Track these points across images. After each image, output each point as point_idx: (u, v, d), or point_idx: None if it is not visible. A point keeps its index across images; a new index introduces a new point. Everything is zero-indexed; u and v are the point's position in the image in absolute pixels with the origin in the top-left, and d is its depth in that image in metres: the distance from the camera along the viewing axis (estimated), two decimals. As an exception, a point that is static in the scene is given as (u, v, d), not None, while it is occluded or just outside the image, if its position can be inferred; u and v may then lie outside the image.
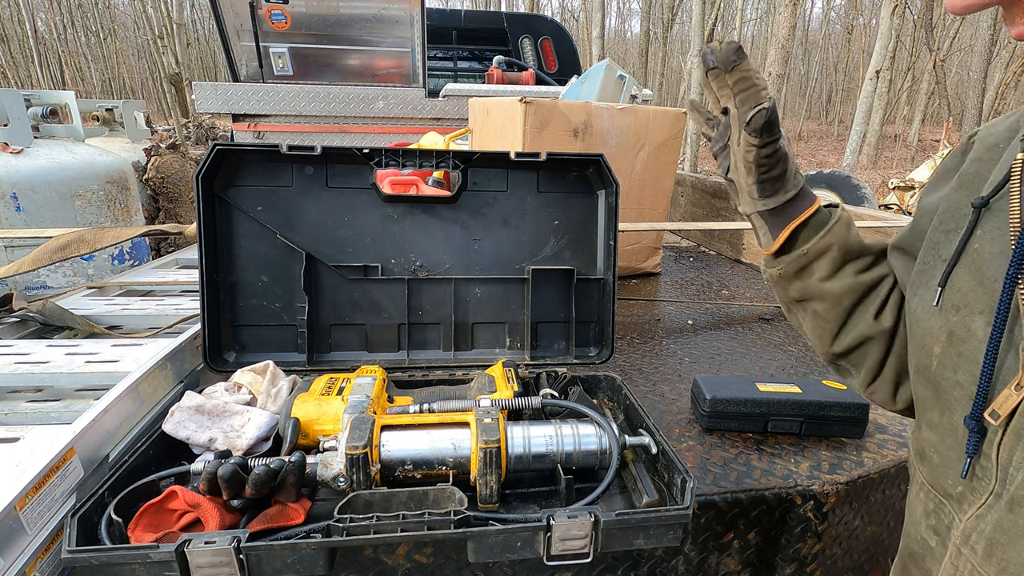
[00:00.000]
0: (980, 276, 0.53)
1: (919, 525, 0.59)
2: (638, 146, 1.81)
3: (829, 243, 0.74)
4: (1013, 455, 0.47)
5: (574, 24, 27.62)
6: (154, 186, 3.71)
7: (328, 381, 0.93)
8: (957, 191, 0.60)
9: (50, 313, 1.19)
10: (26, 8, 22.94)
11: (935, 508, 0.56)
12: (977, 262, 0.54)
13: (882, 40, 10.74)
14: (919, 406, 0.61)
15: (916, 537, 0.59)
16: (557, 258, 1.17)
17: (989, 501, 0.49)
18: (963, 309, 0.54)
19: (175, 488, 0.70)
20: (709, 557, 0.90)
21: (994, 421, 0.48)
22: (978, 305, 0.52)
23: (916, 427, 0.61)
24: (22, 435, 0.73)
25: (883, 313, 0.72)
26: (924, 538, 0.58)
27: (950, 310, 0.55)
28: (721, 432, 1.05)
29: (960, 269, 0.55)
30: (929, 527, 0.57)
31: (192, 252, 1.92)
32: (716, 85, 0.70)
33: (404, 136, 3.39)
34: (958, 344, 0.54)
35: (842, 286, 0.74)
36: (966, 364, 0.52)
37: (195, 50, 28.53)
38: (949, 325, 0.55)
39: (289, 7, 3.36)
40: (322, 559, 0.64)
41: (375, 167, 1.07)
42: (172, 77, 13.85)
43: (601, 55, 14.12)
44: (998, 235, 0.52)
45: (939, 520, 0.56)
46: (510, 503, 0.81)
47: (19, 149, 2.41)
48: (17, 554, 0.62)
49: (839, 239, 0.74)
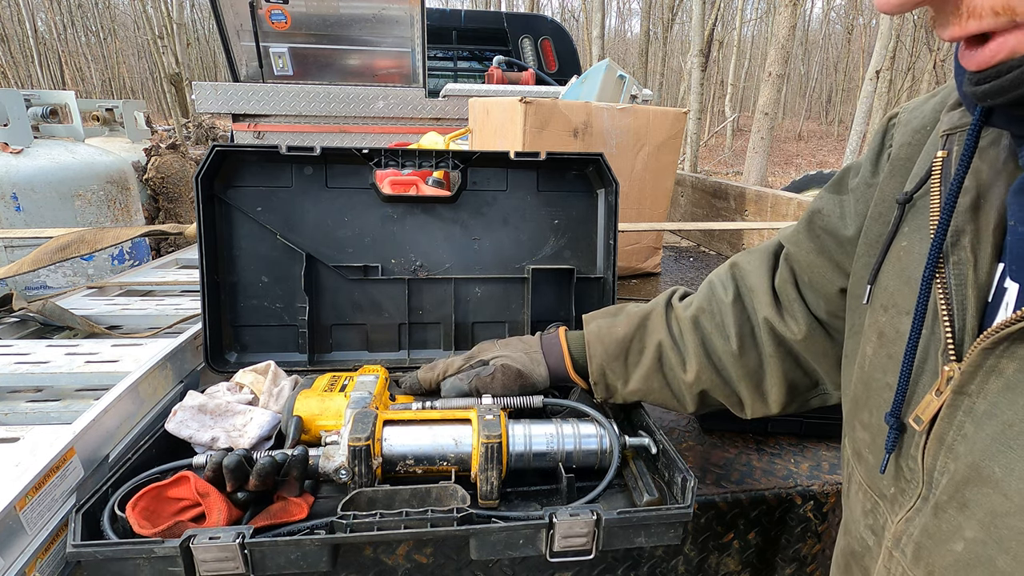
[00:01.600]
0: (906, 275, 0.52)
1: (858, 524, 0.58)
2: (638, 146, 1.81)
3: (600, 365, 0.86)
4: (937, 460, 0.46)
5: (574, 24, 27.63)
6: (154, 186, 3.71)
7: (330, 379, 0.93)
8: (890, 178, 0.58)
9: (50, 313, 1.19)
10: (26, 8, 22.94)
11: (872, 508, 0.56)
12: (903, 260, 0.53)
13: (882, 40, 10.75)
14: (853, 404, 0.60)
15: (856, 535, 0.59)
16: (557, 257, 1.17)
17: (917, 504, 0.49)
18: (891, 309, 0.53)
19: (188, 473, 0.70)
20: (709, 557, 0.90)
21: (917, 427, 0.48)
22: (905, 305, 0.51)
23: (850, 426, 0.61)
24: (22, 435, 0.74)
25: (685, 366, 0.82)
26: (863, 537, 0.57)
27: (879, 309, 0.55)
28: (721, 432, 1.05)
29: (887, 267, 0.55)
30: (867, 526, 0.57)
31: (192, 252, 1.92)
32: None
33: (404, 136, 3.39)
34: (888, 345, 0.53)
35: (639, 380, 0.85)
36: (895, 366, 0.51)
37: (195, 50, 28.52)
38: (879, 325, 0.55)
39: (289, 7, 3.36)
40: (326, 555, 0.64)
41: (375, 167, 1.07)
42: (172, 77, 13.86)
43: (601, 55, 14.13)
44: (925, 234, 0.50)
45: (875, 520, 0.55)
46: (511, 501, 0.81)
47: (19, 149, 2.41)
48: (17, 554, 0.62)
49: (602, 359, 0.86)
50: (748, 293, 0.80)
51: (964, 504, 0.44)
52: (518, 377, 0.89)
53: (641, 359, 0.84)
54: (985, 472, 0.42)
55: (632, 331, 0.85)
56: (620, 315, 0.88)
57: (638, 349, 0.85)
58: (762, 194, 2.23)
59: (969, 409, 0.43)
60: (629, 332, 0.85)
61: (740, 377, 0.79)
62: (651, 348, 0.83)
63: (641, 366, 0.84)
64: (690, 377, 0.81)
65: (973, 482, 0.43)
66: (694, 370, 0.80)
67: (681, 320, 0.83)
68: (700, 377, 0.80)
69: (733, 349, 0.78)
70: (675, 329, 0.84)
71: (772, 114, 8.35)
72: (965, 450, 0.44)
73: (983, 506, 0.42)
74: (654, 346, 0.83)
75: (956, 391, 0.44)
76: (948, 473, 0.45)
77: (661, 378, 0.84)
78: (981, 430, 0.43)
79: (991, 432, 0.42)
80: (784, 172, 17.12)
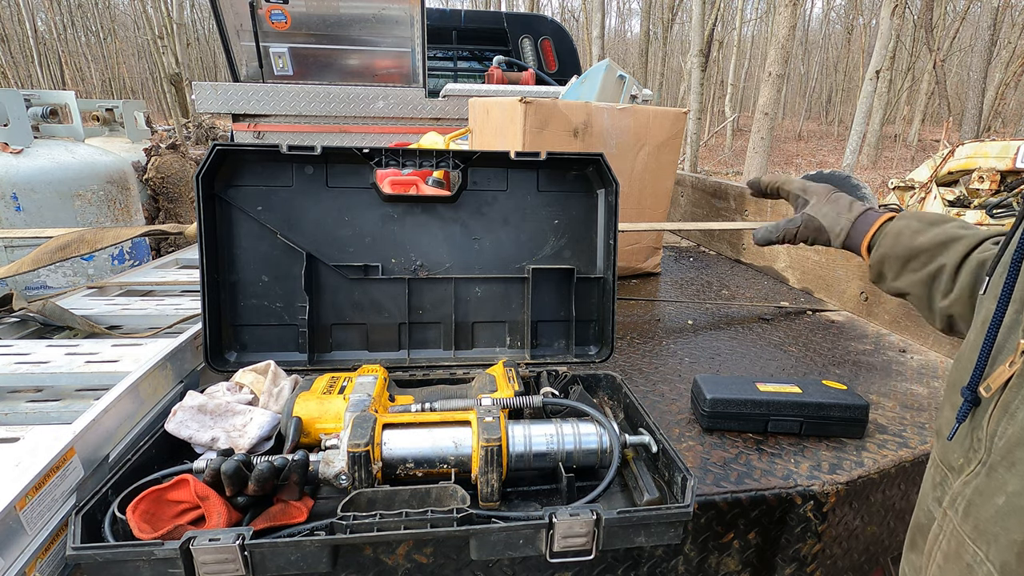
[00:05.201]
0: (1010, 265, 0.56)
1: (927, 497, 0.63)
2: (638, 146, 1.81)
3: (883, 255, 0.97)
4: (999, 426, 0.51)
5: (574, 24, 27.63)
6: (154, 186, 3.71)
7: (330, 380, 0.93)
8: None
9: (50, 313, 1.19)
10: (26, 8, 22.94)
11: (940, 480, 0.60)
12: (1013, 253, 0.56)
13: (882, 40, 10.75)
14: (949, 388, 0.64)
15: (924, 508, 0.63)
16: (557, 257, 1.17)
17: (976, 469, 0.53)
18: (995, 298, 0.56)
19: (187, 476, 0.70)
20: (709, 557, 0.90)
21: (986, 394, 0.52)
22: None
23: (942, 408, 0.65)
24: (22, 435, 0.74)
25: (949, 296, 0.87)
26: (930, 509, 0.61)
27: (990, 299, 0.58)
28: (721, 432, 1.05)
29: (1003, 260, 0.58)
30: (935, 499, 0.61)
31: (192, 252, 1.92)
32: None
33: (404, 136, 3.39)
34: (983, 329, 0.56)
35: (906, 283, 0.95)
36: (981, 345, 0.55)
37: (195, 50, 28.52)
38: (984, 312, 0.58)
39: (289, 7, 3.36)
40: (325, 556, 0.64)
41: (375, 167, 1.07)
42: (172, 77, 13.85)
43: (601, 55, 14.12)
44: None
45: (942, 492, 0.59)
46: (511, 501, 0.81)
47: (19, 149, 2.41)
48: (17, 554, 0.62)
49: (887, 250, 0.96)
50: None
51: (1013, 463, 0.48)
52: (817, 231, 1.08)
53: (921, 271, 0.91)
54: None
55: (930, 246, 0.91)
56: (934, 228, 0.93)
57: (923, 262, 0.91)
58: (762, 194, 2.23)
59: None
60: (927, 245, 0.92)
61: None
62: (932, 267, 0.90)
63: (916, 275, 0.92)
64: (943, 303, 0.88)
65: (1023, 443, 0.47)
66: (949, 300, 0.87)
67: (973, 258, 0.87)
68: (952, 306, 0.87)
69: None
70: (965, 263, 0.87)
71: (772, 114, 8.35)
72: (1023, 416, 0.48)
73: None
74: (936, 267, 0.89)
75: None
76: (1005, 436, 0.49)
77: (926, 291, 0.91)
78: None
79: None
80: (784, 172, 17.05)
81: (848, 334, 1.55)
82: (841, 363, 1.36)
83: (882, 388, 1.24)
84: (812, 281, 1.91)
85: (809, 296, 1.88)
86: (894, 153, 20.06)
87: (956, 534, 0.54)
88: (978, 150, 5.28)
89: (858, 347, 1.46)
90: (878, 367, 1.35)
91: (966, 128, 14.54)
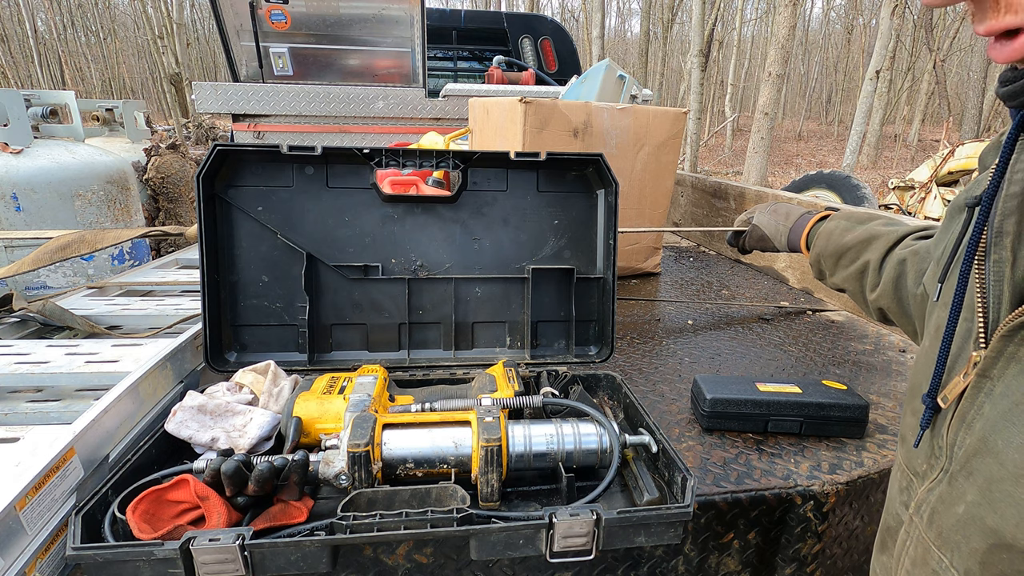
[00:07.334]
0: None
1: (895, 501, 0.64)
2: (638, 146, 1.81)
3: (818, 254, 1.09)
4: (957, 436, 0.52)
5: (574, 24, 27.63)
6: (154, 186, 3.71)
7: (329, 380, 0.93)
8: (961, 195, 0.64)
9: (50, 313, 1.19)
10: (26, 8, 22.95)
11: (906, 485, 0.61)
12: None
13: (882, 40, 10.75)
14: (910, 393, 0.65)
15: (892, 512, 0.64)
16: (557, 257, 1.17)
17: (939, 476, 0.54)
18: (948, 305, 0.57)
19: (187, 476, 0.70)
20: (709, 557, 0.90)
21: (944, 404, 0.53)
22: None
23: (904, 413, 0.66)
24: (22, 435, 0.74)
25: (876, 290, 0.94)
26: (898, 512, 0.63)
27: (941, 306, 0.59)
28: (721, 432, 1.05)
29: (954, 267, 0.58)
30: (902, 503, 0.62)
31: (192, 252, 1.92)
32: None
33: (404, 136, 3.39)
34: (939, 337, 0.57)
35: (840, 279, 1.05)
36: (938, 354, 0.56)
37: (195, 50, 28.53)
38: (937, 320, 0.59)
39: (289, 7, 3.36)
40: (325, 557, 0.64)
41: (375, 167, 1.07)
42: (172, 77, 13.86)
43: (601, 55, 14.12)
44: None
45: (908, 496, 0.60)
46: (511, 501, 0.81)
47: (19, 149, 2.41)
48: (17, 554, 0.62)
49: (821, 249, 1.09)
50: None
51: (970, 472, 0.50)
52: (761, 240, 1.27)
53: (850, 267, 1.02)
54: (990, 444, 0.47)
55: (855, 243, 1.01)
56: (860, 227, 1.04)
57: (851, 258, 1.02)
58: (762, 194, 2.23)
59: (989, 391, 0.48)
60: (852, 243, 1.02)
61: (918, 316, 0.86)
62: (859, 263, 0.99)
63: (847, 271, 1.03)
64: (872, 296, 0.96)
65: (980, 453, 0.48)
66: (876, 294, 0.95)
67: (894, 255, 0.94)
68: (879, 300, 0.95)
69: (917, 293, 0.86)
70: (887, 259, 0.95)
71: (772, 114, 8.35)
72: (980, 426, 0.49)
73: (983, 473, 0.48)
74: (863, 263, 0.99)
75: (980, 374, 0.49)
76: (963, 447, 0.51)
77: (858, 285, 1.01)
78: (994, 408, 0.48)
79: (1001, 410, 0.47)
80: (784, 172, 17.11)
81: (848, 334, 1.55)
82: (841, 363, 1.36)
83: (882, 388, 1.24)
84: (812, 281, 1.91)
85: (809, 296, 1.88)
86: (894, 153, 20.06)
87: (922, 540, 0.56)
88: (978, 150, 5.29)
89: (858, 347, 1.46)
90: (878, 367, 1.35)
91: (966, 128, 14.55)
